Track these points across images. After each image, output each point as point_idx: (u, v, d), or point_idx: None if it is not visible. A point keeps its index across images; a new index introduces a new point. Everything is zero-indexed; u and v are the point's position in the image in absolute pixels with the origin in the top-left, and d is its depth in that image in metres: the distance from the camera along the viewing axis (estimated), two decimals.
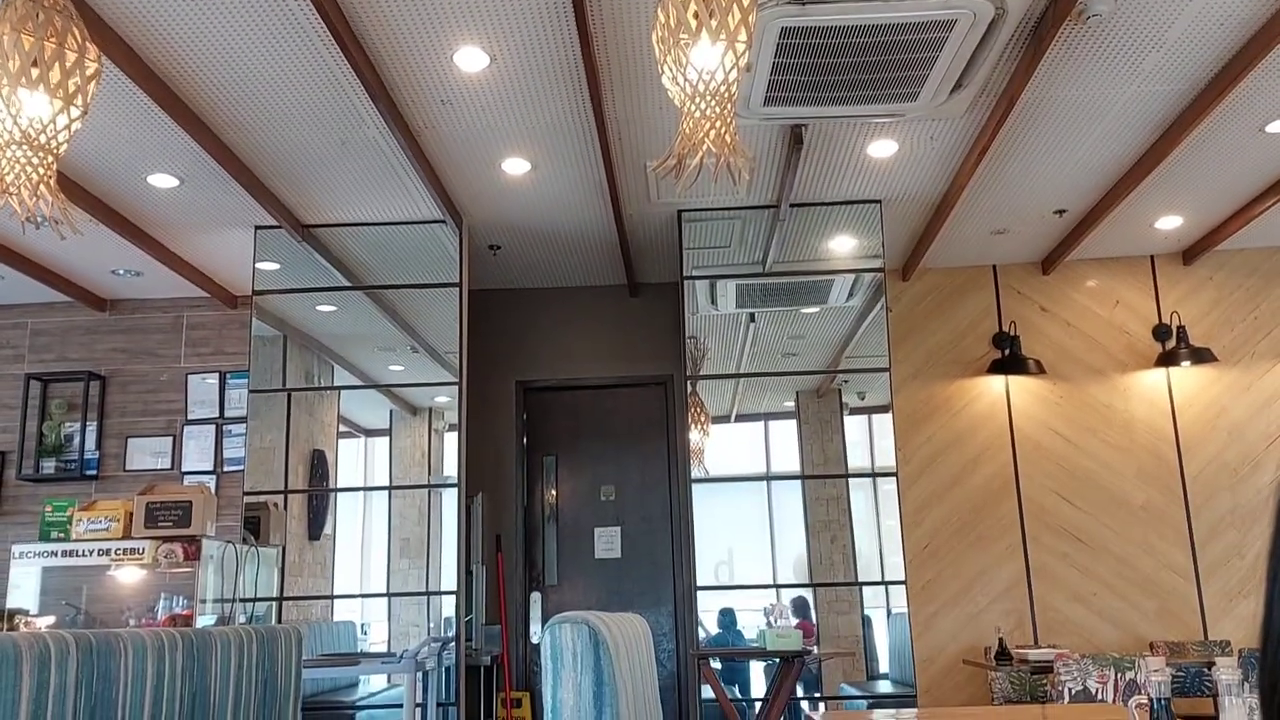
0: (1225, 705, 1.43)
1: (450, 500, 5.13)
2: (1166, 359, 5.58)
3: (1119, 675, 4.22)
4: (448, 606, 5.02)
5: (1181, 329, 5.57)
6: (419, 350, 5.37)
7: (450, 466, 5.19)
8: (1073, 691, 4.21)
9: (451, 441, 5.17)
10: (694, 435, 5.26)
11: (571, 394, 6.26)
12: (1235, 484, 5.49)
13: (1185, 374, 5.62)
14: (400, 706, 4.30)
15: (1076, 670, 4.21)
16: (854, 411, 5.59)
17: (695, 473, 5.22)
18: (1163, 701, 1.45)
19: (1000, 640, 4.70)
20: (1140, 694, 1.46)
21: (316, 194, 4.71)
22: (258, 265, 5.15)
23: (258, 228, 5.02)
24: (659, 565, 5.96)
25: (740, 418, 5.61)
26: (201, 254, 5.35)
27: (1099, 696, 4.20)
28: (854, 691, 5.28)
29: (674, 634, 5.85)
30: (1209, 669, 4.92)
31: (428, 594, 5.14)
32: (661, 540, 5.99)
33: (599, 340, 6.08)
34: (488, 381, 5.79)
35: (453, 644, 4.88)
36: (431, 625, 5.04)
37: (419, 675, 4.58)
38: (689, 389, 5.28)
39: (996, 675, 4.94)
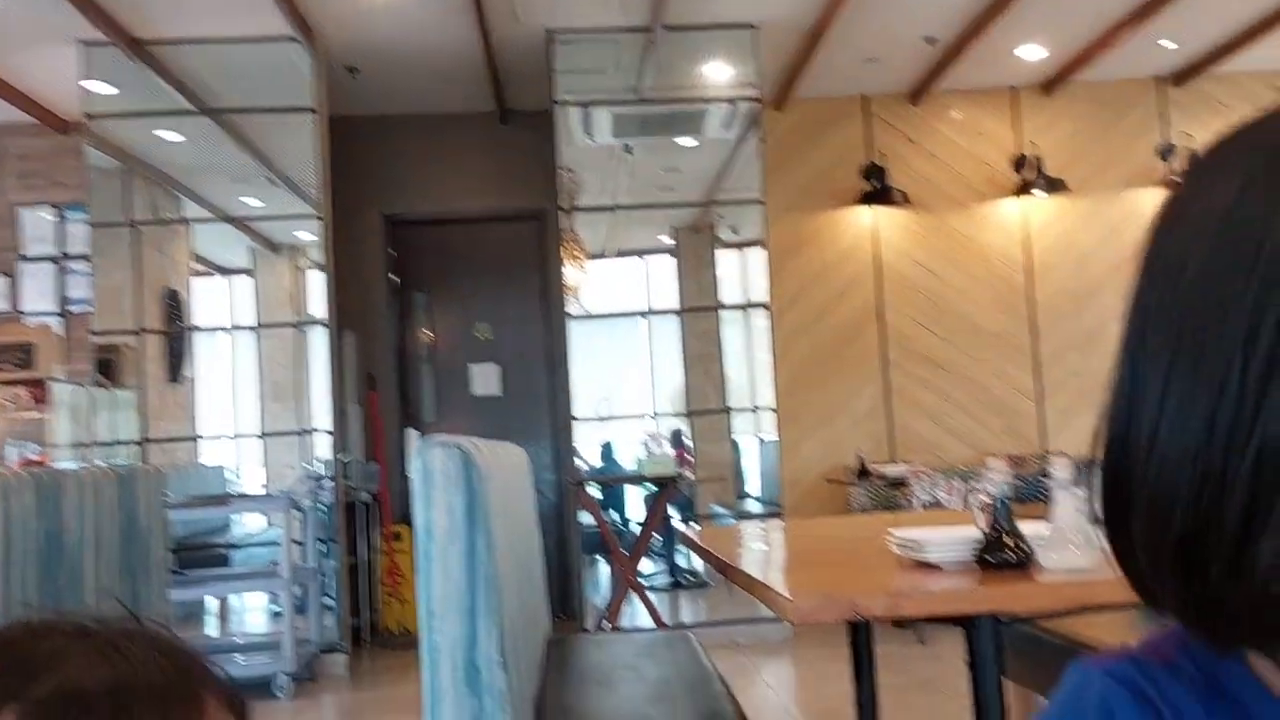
0: (1057, 499, 1.55)
1: (319, 339, 5.00)
2: (1023, 189, 5.77)
3: (965, 485, 4.53)
4: (323, 446, 4.98)
5: (1039, 160, 5.75)
6: (277, 183, 5.11)
7: (317, 305, 5.04)
8: (924, 502, 4.52)
9: (317, 279, 5.00)
10: (570, 271, 5.23)
11: (442, 228, 6.10)
12: (1079, 309, 5.82)
13: (1040, 204, 5.84)
14: (278, 545, 4.30)
15: (928, 483, 4.51)
16: (729, 246, 5.64)
17: (572, 309, 5.22)
18: (1003, 500, 1.55)
19: (860, 459, 4.98)
20: (983, 495, 1.57)
21: (146, 2, 4.31)
22: (88, 86, 4.73)
23: (83, 42, 4.58)
24: (537, 401, 6.02)
25: (618, 252, 5.59)
26: (21, 73, 4.87)
27: (947, 505, 4.52)
28: (724, 511, 5.55)
29: (554, 466, 5.97)
30: (1045, 477, 5.33)
31: (301, 433, 5.08)
32: (539, 376, 6.02)
33: (469, 171, 5.90)
34: (352, 215, 5.57)
35: (329, 482, 4.86)
36: (307, 465, 5.00)
37: (296, 514, 4.57)
38: (564, 222, 5.20)
39: (855, 490, 5.26)
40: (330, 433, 4.93)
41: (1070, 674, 0.45)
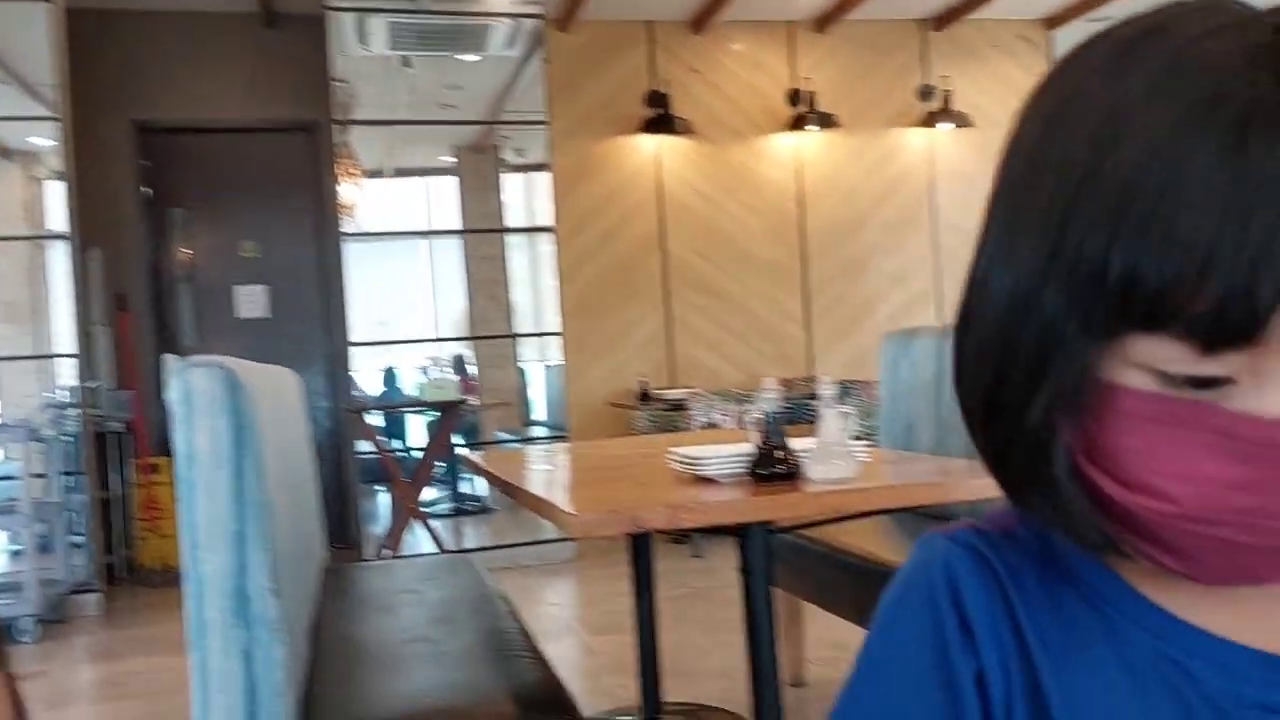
0: (823, 415, 1.64)
1: (60, 256, 4.54)
2: (797, 123, 5.99)
3: (738, 407, 4.74)
4: (67, 373, 4.56)
5: (812, 95, 5.97)
6: (7, 80, 4.55)
7: (57, 218, 4.56)
8: (701, 423, 4.69)
9: (56, 189, 4.52)
10: (345, 188, 4.99)
11: (202, 138, 5.65)
12: (845, 240, 6.15)
13: (812, 138, 6.08)
14: (16, 479, 3.93)
15: (705, 405, 4.68)
16: (513, 168, 5.54)
17: (348, 228, 4.99)
18: (774, 418, 1.63)
19: (642, 384, 5.10)
20: (756, 414, 1.63)
21: None
22: None
23: None
24: (310, 324, 5.76)
25: (398, 172, 5.37)
26: None
27: (722, 426, 4.72)
28: (510, 437, 5.55)
29: (331, 393, 5.76)
30: (812, 399, 5.65)
31: (40, 358, 4.63)
32: (312, 298, 5.75)
33: (232, 77, 5.47)
34: (97, 120, 5.05)
35: (74, 411, 4.47)
36: (49, 393, 4.57)
37: (37, 445, 4.18)
38: (338, 137, 4.93)
39: (638, 414, 5.39)
40: (75, 357, 4.52)
41: (919, 543, 0.49)
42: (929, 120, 6.18)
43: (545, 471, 2.28)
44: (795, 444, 1.63)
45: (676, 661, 2.76)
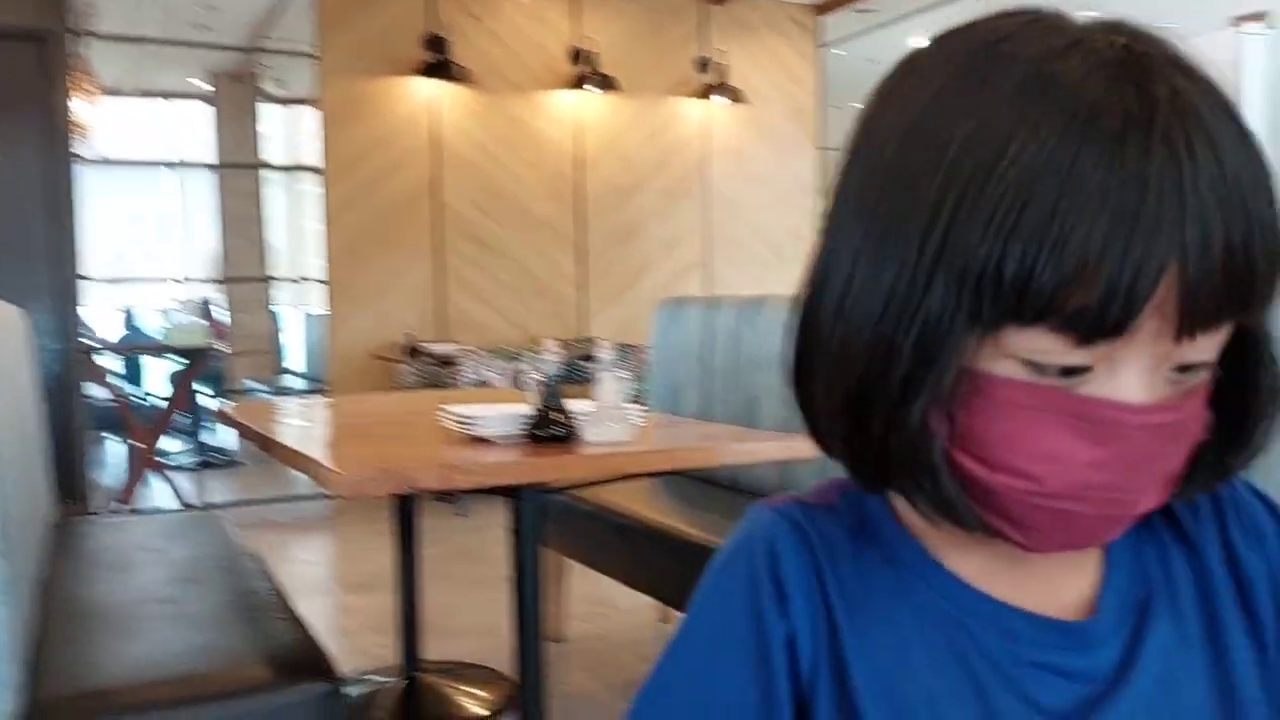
0: (601, 379, 1.65)
1: None
2: (578, 83, 5.98)
3: (513, 366, 4.72)
4: None
5: (594, 56, 5.97)
6: None
7: None
8: (472, 380, 4.63)
9: None
10: (80, 105, 4.50)
11: None
12: (621, 204, 6.23)
13: (593, 99, 6.09)
14: None
15: (477, 362, 4.62)
16: (275, 101, 5.20)
17: (82, 151, 4.52)
18: (554, 379, 1.62)
19: (409, 337, 4.96)
20: (536, 374, 1.62)
21: None
22: None
23: None
24: (34, 255, 5.18)
25: (142, 93, 4.91)
26: None
27: (495, 384, 4.68)
28: (262, 387, 5.25)
29: (62, 333, 5.22)
30: (583, 360, 5.72)
31: None
32: (37, 226, 5.17)
33: None
34: None
35: None
36: None
37: None
38: (73, 48, 4.43)
39: (404, 368, 5.25)
40: None
41: (748, 514, 0.51)
42: (705, 92, 6.33)
43: (305, 426, 2.17)
44: (573, 406, 1.64)
45: (437, 619, 2.72)
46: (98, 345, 4.64)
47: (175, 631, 1.62)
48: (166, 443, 4.74)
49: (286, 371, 5.46)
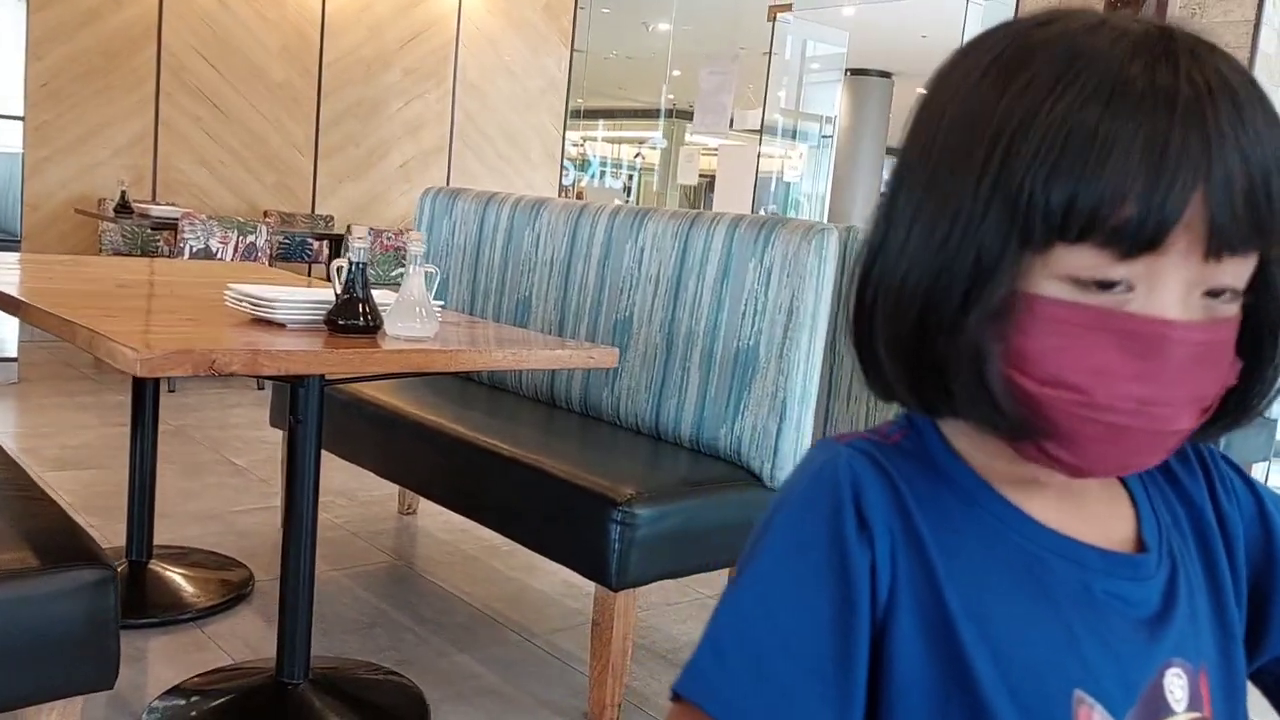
0: (409, 272, 1.63)
1: None
2: None
3: (240, 237, 4.42)
4: None
5: None
6: None
7: None
8: (194, 249, 4.29)
9: None
10: None
11: None
12: (366, 78, 5.90)
13: None
14: None
15: (202, 230, 4.28)
16: None
17: None
18: (361, 266, 1.58)
19: (123, 194, 4.48)
20: (340, 258, 1.57)
21: None
22: None
23: None
24: None
25: None
26: None
27: (219, 255, 4.37)
28: None
29: None
30: (313, 239, 5.44)
31: None
32: None
33: None
34: None
35: None
36: None
37: None
38: None
39: (110, 227, 4.76)
40: None
41: (817, 449, 0.54)
42: None
43: (49, 288, 1.95)
44: (377, 296, 1.61)
45: (158, 503, 2.57)
46: None
47: None
48: None
49: None
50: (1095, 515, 0.54)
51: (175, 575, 2.37)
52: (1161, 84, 0.44)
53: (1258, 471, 3.57)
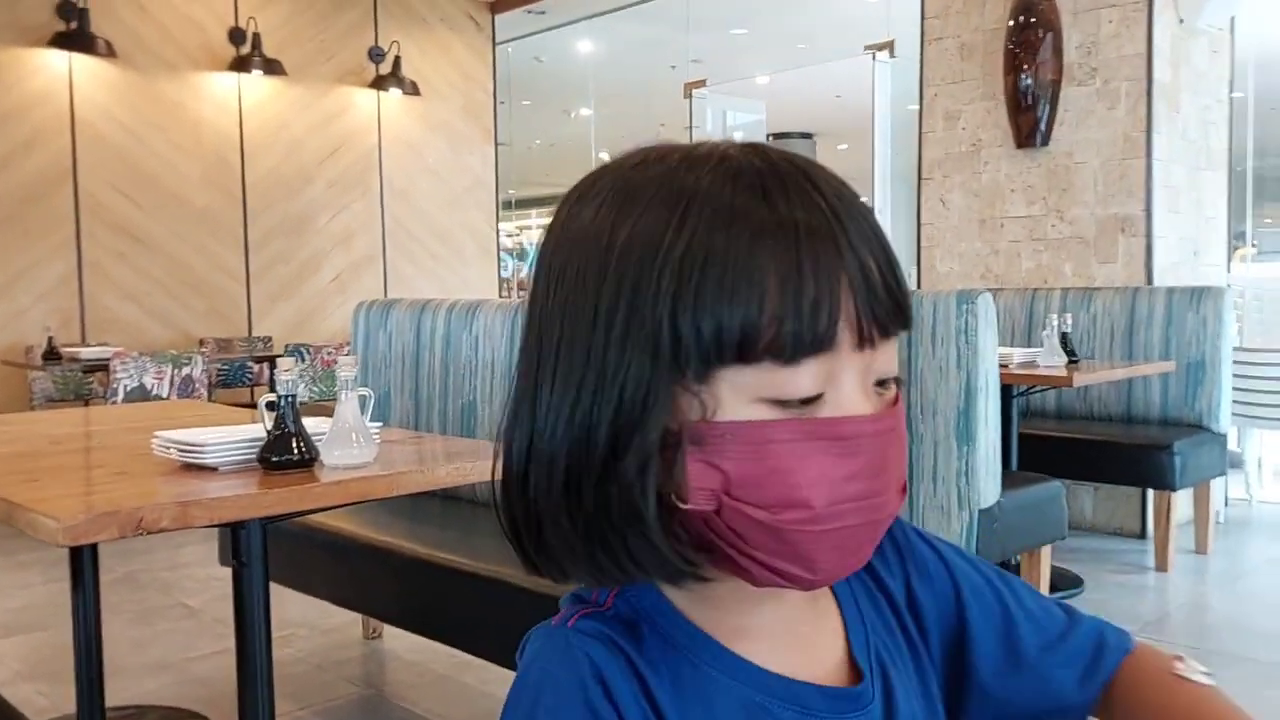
0: (341, 397, 1.58)
1: None
2: (240, 65, 5.58)
3: (175, 370, 4.33)
4: None
5: (257, 37, 5.60)
6: None
7: None
8: (128, 388, 4.19)
9: None
10: None
11: None
12: (289, 195, 5.89)
13: (256, 82, 5.71)
14: None
15: (134, 367, 4.19)
16: None
17: None
18: (291, 399, 1.53)
19: (49, 340, 4.37)
20: (270, 396, 1.52)
21: None
22: None
23: None
24: None
25: None
26: None
27: (155, 391, 4.27)
28: None
29: None
30: (252, 363, 5.36)
31: None
32: None
33: None
34: None
35: None
36: None
37: None
38: None
39: (39, 375, 4.64)
40: None
41: (541, 640, 0.50)
42: (379, 83, 6.15)
43: None
44: (309, 424, 1.55)
45: (109, 657, 2.45)
46: None
47: None
48: None
49: None
50: (811, 646, 0.54)
51: None
52: (780, 207, 0.45)
53: (1215, 487, 3.58)
